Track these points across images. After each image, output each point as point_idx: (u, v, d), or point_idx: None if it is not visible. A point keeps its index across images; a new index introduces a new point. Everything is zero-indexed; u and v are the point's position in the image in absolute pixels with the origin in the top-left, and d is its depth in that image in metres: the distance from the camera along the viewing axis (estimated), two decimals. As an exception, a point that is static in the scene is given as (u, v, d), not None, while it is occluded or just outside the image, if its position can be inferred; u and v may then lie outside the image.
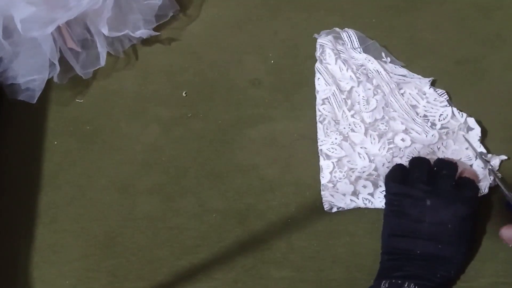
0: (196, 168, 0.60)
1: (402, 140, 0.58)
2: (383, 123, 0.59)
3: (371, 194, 0.56)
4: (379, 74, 0.61)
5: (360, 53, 0.63)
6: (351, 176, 0.57)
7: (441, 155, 0.57)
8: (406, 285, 0.48)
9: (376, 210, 0.56)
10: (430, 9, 0.66)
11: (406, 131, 0.59)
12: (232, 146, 0.61)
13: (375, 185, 0.56)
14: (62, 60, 0.63)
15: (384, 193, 0.56)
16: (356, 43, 0.63)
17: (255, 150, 0.61)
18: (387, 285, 0.49)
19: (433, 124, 0.59)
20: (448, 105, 0.59)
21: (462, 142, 0.57)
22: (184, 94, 0.64)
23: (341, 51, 0.63)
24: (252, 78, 0.64)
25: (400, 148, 0.58)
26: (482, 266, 0.53)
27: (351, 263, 0.54)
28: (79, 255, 0.57)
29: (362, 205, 0.56)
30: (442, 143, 0.57)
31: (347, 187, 0.56)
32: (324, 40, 0.63)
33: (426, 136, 0.58)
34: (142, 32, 0.65)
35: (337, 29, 0.64)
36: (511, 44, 0.63)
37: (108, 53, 0.65)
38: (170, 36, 0.68)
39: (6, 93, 0.64)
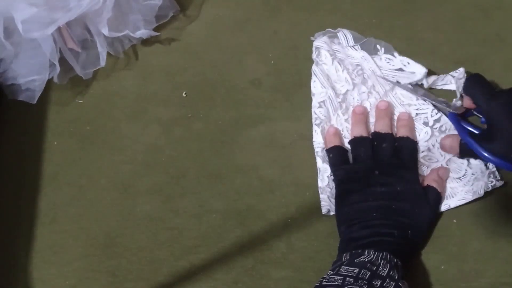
0: (196, 168, 0.60)
1: None
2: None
3: None
4: (374, 74, 0.60)
5: (356, 50, 0.62)
6: None
7: (436, 152, 0.57)
8: (366, 252, 0.49)
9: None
10: (430, 9, 0.66)
11: None
12: (232, 146, 0.61)
13: None
14: (62, 60, 0.63)
15: None
16: (351, 42, 0.62)
17: (255, 150, 0.61)
18: (348, 256, 0.50)
19: (425, 122, 0.58)
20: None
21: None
22: (184, 95, 0.64)
23: (336, 50, 0.62)
24: (252, 78, 0.64)
25: None
26: (483, 266, 0.53)
27: (351, 263, 0.55)
28: (79, 256, 0.57)
29: None
30: (436, 140, 0.57)
31: None
32: (319, 42, 0.62)
33: (420, 134, 0.58)
34: (142, 33, 0.65)
35: (331, 29, 0.63)
36: (511, 44, 0.63)
37: (108, 54, 0.65)
38: (170, 37, 0.68)
39: (6, 94, 0.64)
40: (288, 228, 0.56)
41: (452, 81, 0.59)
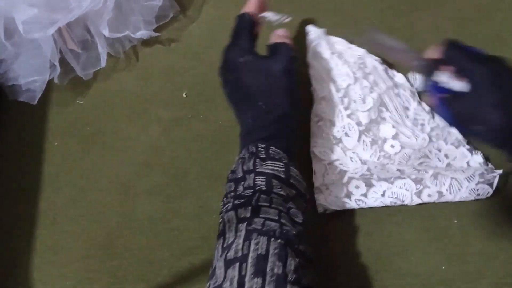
0: (197, 169, 0.60)
1: (392, 146, 0.58)
2: (375, 125, 0.58)
3: (364, 195, 0.56)
4: (376, 70, 0.60)
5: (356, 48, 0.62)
6: (343, 178, 0.57)
7: (434, 158, 0.57)
8: (257, 148, 0.50)
9: (374, 209, 0.56)
10: (430, 10, 0.66)
11: (396, 136, 0.58)
12: (233, 147, 0.61)
13: (368, 185, 0.56)
14: (63, 61, 0.63)
15: (377, 193, 0.56)
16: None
17: (255, 151, 0.60)
18: (241, 155, 0.51)
19: (422, 127, 0.58)
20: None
21: (454, 141, 0.57)
22: (184, 95, 0.64)
23: (335, 43, 0.62)
24: (252, 79, 0.64)
25: (390, 155, 0.57)
26: (483, 267, 0.53)
27: (350, 264, 0.54)
28: (79, 256, 0.57)
29: (356, 206, 0.56)
30: (433, 146, 0.57)
31: (339, 189, 0.56)
32: (316, 33, 0.62)
33: (416, 140, 0.57)
34: (143, 33, 0.65)
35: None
36: (511, 45, 0.63)
37: (109, 54, 0.65)
38: (171, 37, 0.68)
39: (7, 94, 0.64)
40: (289, 228, 0.56)
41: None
